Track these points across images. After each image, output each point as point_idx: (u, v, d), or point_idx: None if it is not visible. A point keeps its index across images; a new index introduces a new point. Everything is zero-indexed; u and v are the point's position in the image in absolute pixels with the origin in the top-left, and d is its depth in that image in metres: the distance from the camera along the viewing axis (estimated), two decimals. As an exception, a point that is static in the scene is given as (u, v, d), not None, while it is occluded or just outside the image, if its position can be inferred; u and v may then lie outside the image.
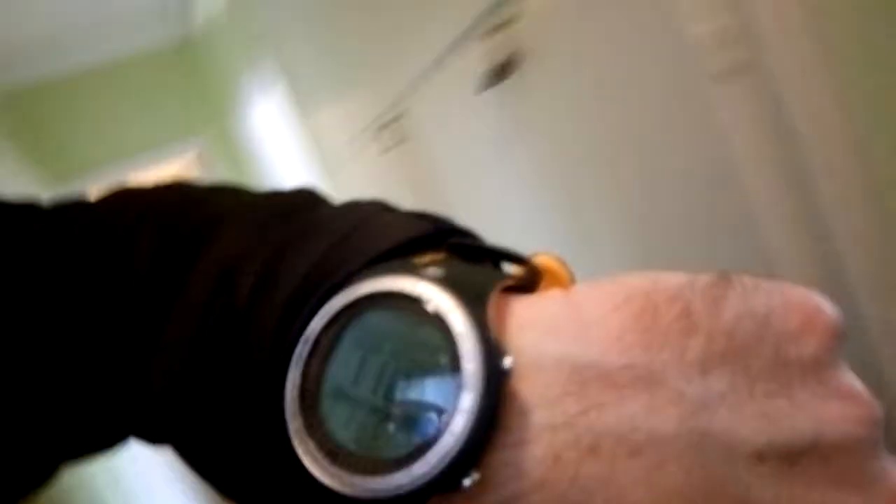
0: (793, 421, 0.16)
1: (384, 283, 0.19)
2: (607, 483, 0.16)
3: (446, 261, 0.21)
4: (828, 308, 0.17)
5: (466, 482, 0.16)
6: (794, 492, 0.16)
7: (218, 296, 0.22)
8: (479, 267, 0.21)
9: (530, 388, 0.17)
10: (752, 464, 0.16)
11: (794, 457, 0.16)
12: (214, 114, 3.59)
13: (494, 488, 0.16)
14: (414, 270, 0.19)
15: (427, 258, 0.21)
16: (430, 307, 0.18)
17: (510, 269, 0.22)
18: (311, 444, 0.18)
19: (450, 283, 0.18)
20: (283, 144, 2.84)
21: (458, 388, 0.16)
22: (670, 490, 0.15)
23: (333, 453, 0.17)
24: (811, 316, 0.17)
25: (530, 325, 0.18)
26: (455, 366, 0.17)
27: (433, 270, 0.19)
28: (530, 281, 0.21)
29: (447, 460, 0.16)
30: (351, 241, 0.22)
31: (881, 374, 0.75)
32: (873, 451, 0.16)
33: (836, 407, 0.16)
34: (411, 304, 0.18)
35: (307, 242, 0.22)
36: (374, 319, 0.19)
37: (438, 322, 0.17)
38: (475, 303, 0.18)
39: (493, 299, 0.18)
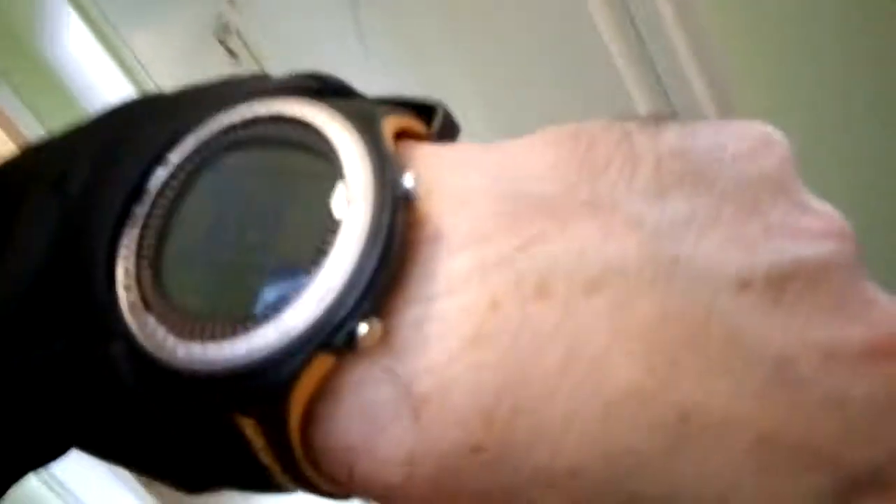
0: (770, 244, 0.13)
1: (240, 112, 0.14)
2: (562, 329, 0.12)
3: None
4: (776, 131, 0.15)
5: (361, 329, 0.12)
6: (791, 323, 0.13)
7: (50, 203, 0.16)
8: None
9: (449, 224, 0.13)
10: (736, 293, 0.13)
11: (779, 284, 0.13)
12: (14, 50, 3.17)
13: (409, 353, 0.13)
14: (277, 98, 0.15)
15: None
16: (301, 129, 0.14)
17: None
18: (150, 320, 0.13)
19: (326, 104, 0.14)
20: (94, 71, 2.57)
21: (343, 207, 0.13)
22: (644, 329, 0.12)
23: (180, 327, 0.13)
24: (763, 138, 0.14)
25: (442, 158, 0.15)
26: (332, 168, 0.13)
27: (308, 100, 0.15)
28: (444, 131, 0.17)
29: (329, 300, 0.12)
30: (207, 96, 0.16)
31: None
32: (859, 271, 0.14)
33: (813, 224, 0.14)
34: (277, 129, 0.14)
35: (151, 118, 0.16)
36: (234, 160, 0.14)
37: (314, 144, 0.14)
38: (362, 121, 0.14)
39: (388, 124, 0.14)
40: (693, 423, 0.12)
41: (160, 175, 0.14)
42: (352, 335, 0.12)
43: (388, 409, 0.13)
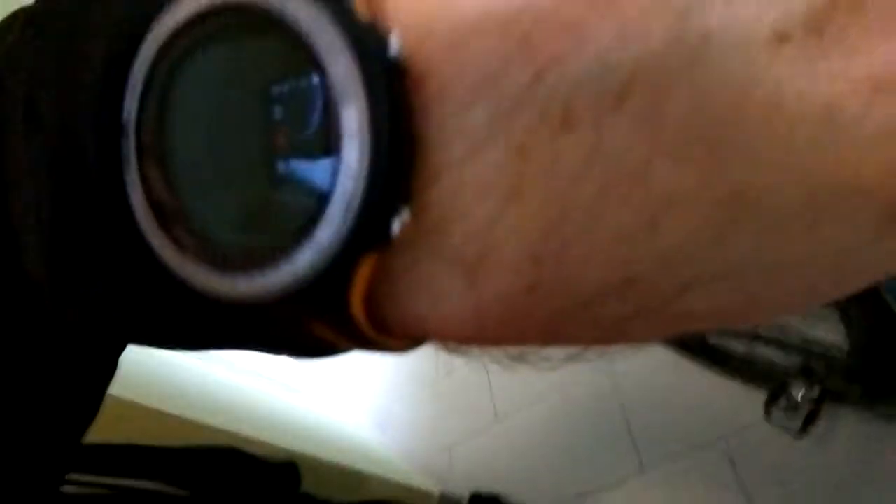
0: None
1: (188, 6, 0.13)
2: (596, 155, 0.12)
3: None
4: None
5: (395, 226, 0.12)
6: (834, 65, 0.11)
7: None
8: None
9: (452, 74, 0.12)
10: (774, 52, 0.11)
11: (820, 23, 0.11)
12: None
13: (449, 225, 0.13)
14: None
15: None
16: (266, 14, 0.13)
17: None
18: (188, 259, 0.13)
19: None
20: None
21: (336, 105, 0.12)
22: (679, 127, 0.12)
23: (222, 262, 0.13)
24: None
25: None
26: (321, 77, 0.12)
27: None
28: None
29: (354, 207, 0.12)
30: None
31: None
32: None
33: None
34: (240, 19, 0.13)
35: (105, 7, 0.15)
36: (195, 65, 0.13)
37: (282, 29, 0.12)
38: None
39: None
40: (745, 202, 0.12)
41: (136, 78, 0.14)
42: (387, 232, 0.12)
43: (444, 280, 0.13)
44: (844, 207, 0.12)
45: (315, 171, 0.12)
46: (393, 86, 0.12)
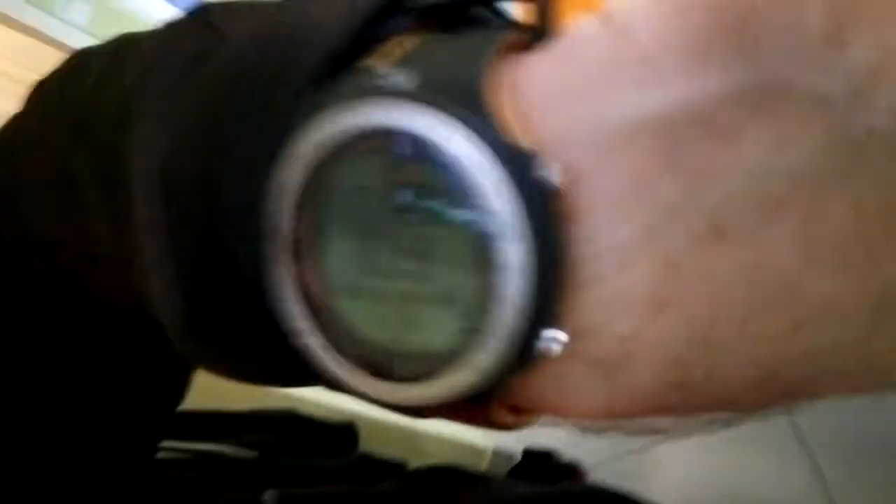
0: None
1: (340, 123, 0.13)
2: (745, 268, 0.12)
3: (416, 44, 0.14)
4: None
5: (553, 346, 0.12)
6: None
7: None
8: (462, 35, 0.15)
9: (601, 189, 0.12)
10: None
11: None
12: None
13: (594, 337, 0.13)
14: (370, 84, 0.13)
15: (389, 48, 0.14)
16: (414, 136, 0.13)
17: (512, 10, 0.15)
18: (345, 362, 0.14)
19: (432, 88, 0.13)
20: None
21: (491, 239, 0.12)
22: (838, 235, 0.11)
23: (376, 367, 0.14)
24: None
25: (567, 93, 0.12)
26: (472, 202, 0.12)
27: (395, 77, 0.13)
28: (542, 16, 0.14)
29: (512, 337, 0.12)
30: (270, 64, 0.15)
31: None
32: None
33: None
34: (385, 141, 0.13)
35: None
36: (351, 176, 0.13)
37: (429, 154, 0.12)
38: (475, 105, 0.12)
39: (491, 82, 0.13)
40: (889, 303, 0.12)
41: (283, 216, 0.14)
42: (538, 353, 0.13)
43: (583, 380, 0.13)
44: None
45: (469, 302, 0.13)
46: (554, 218, 0.12)
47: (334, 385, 0.15)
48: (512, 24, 0.15)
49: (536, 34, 0.14)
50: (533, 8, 0.14)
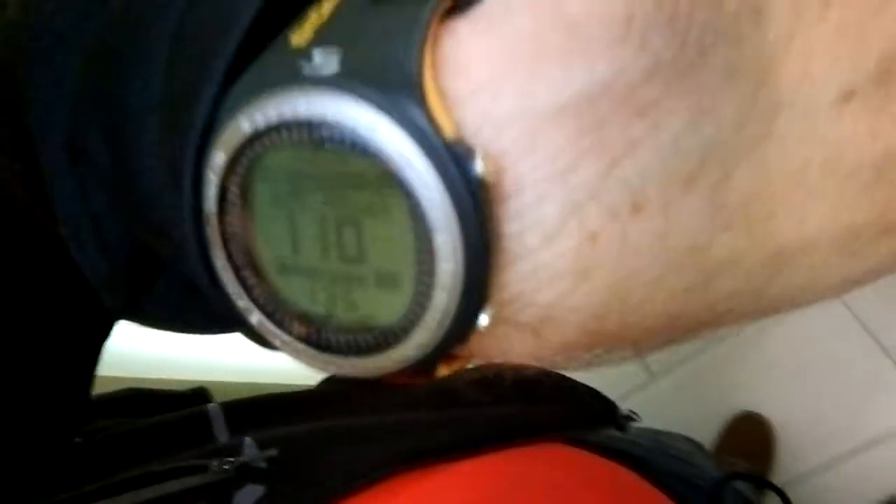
0: (876, 22, 0.11)
1: (263, 114, 0.13)
2: (662, 237, 0.12)
3: (334, 8, 0.13)
4: None
5: (482, 322, 0.13)
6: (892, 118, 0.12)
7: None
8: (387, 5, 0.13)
9: (528, 169, 0.12)
10: (838, 108, 0.12)
11: (888, 71, 0.12)
12: None
13: (518, 309, 0.13)
14: (289, 68, 0.13)
15: (308, 18, 0.13)
16: (341, 128, 0.12)
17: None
18: (286, 337, 0.15)
19: (355, 74, 0.12)
20: None
21: (422, 229, 0.12)
22: (740, 197, 0.12)
23: (316, 339, 0.14)
24: None
25: (493, 72, 0.12)
26: (400, 194, 0.12)
27: (321, 58, 0.13)
28: None
29: (448, 317, 0.13)
30: (188, 46, 0.15)
31: None
32: None
33: None
34: (308, 131, 0.13)
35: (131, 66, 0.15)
36: (278, 161, 0.13)
37: (359, 146, 0.12)
38: (401, 94, 0.12)
39: (427, 74, 0.12)
40: (788, 256, 0.13)
41: (209, 199, 0.14)
42: (473, 328, 0.13)
43: (513, 339, 0.14)
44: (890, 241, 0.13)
45: (409, 282, 0.13)
46: (481, 206, 0.12)
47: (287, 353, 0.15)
48: None
49: None
50: None
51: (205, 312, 0.19)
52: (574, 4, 0.12)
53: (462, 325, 0.13)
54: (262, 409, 0.38)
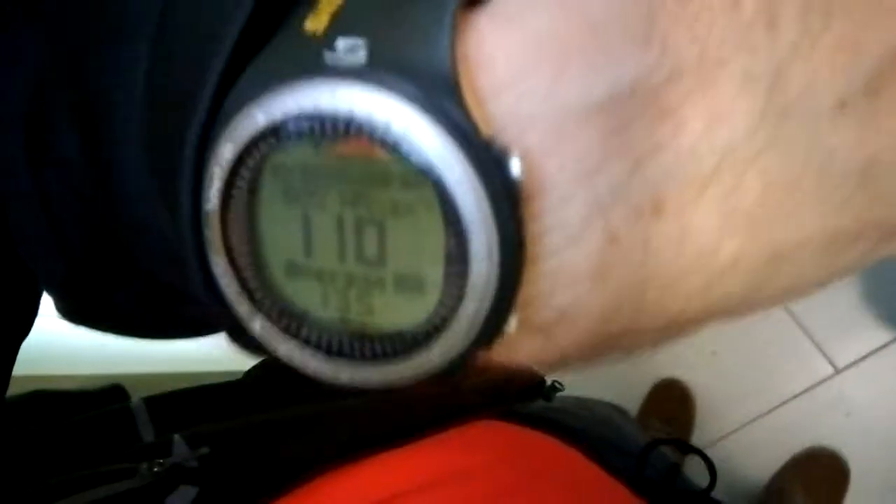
0: (870, 36, 0.12)
1: (281, 105, 0.12)
2: (677, 240, 0.13)
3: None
4: None
5: (510, 327, 0.13)
6: (884, 125, 0.12)
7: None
8: None
9: (555, 168, 0.12)
10: (834, 117, 0.12)
11: (876, 84, 0.12)
12: None
13: (532, 311, 0.13)
14: (312, 57, 0.12)
15: (323, 4, 0.13)
16: (370, 123, 0.12)
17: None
18: (292, 344, 0.14)
19: (386, 66, 0.12)
20: None
21: (463, 233, 0.12)
22: (749, 206, 0.12)
23: (326, 346, 0.13)
24: None
25: (518, 69, 0.12)
26: (444, 202, 0.12)
27: (346, 47, 0.12)
28: None
29: (479, 322, 0.12)
30: (179, 22, 0.14)
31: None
32: None
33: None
34: (335, 124, 0.12)
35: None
36: (293, 155, 0.12)
37: (390, 142, 0.12)
38: (438, 89, 0.11)
39: (462, 71, 0.12)
40: (784, 257, 0.13)
41: (212, 198, 0.13)
42: (500, 334, 0.13)
43: (524, 342, 0.14)
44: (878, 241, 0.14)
45: (435, 284, 0.12)
46: (518, 208, 0.12)
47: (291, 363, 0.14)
48: None
49: None
50: None
51: (167, 319, 0.18)
52: (595, 4, 0.12)
53: (491, 330, 0.13)
54: (187, 403, 0.36)
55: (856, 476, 1.12)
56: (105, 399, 0.46)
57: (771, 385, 1.18)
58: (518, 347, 0.14)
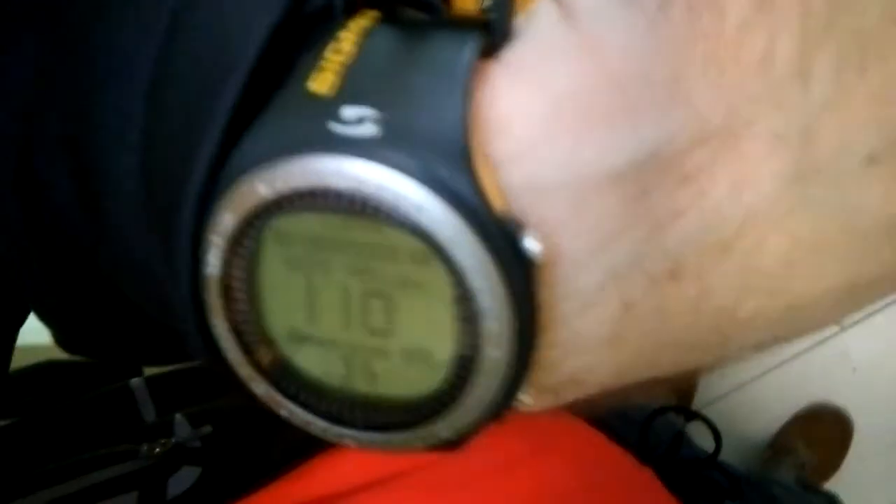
0: None
1: (285, 179, 0.11)
2: (694, 303, 0.12)
3: (356, 49, 0.12)
4: None
5: (521, 403, 0.13)
6: None
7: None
8: (414, 38, 0.12)
9: (571, 238, 0.12)
10: (862, 174, 0.11)
11: None
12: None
13: (546, 375, 0.13)
14: (317, 127, 0.11)
15: (326, 57, 0.12)
16: (379, 201, 0.11)
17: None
18: (294, 408, 0.13)
19: (396, 141, 0.11)
20: None
21: (475, 314, 0.11)
22: (772, 266, 0.12)
23: (327, 412, 0.13)
24: None
25: (537, 133, 0.11)
26: (455, 280, 0.11)
27: (354, 117, 0.11)
28: (500, 11, 0.12)
29: (487, 400, 0.12)
30: (177, 75, 0.13)
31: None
32: None
33: None
34: (347, 198, 0.11)
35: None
36: (298, 226, 0.12)
37: (397, 220, 0.11)
38: (449, 166, 0.11)
39: (474, 140, 0.11)
40: (802, 308, 0.13)
41: (212, 263, 0.12)
42: (510, 408, 0.13)
43: (535, 399, 0.14)
44: None
45: (436, 356, 0.12)
46: (532, 287, 0.11)
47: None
48: (471, 20, 0.13)
49: (494, 27, 0.12)
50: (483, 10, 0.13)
51: (165, 350, 0.19)
52: (616, 60, 0.11)
53: (501, 405, 0.12)
54: (188, 380, 0.36)
55: (860, 432, 1.12)
56: (118, 373, 0.46)
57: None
58: (527, 404, 0.14)
